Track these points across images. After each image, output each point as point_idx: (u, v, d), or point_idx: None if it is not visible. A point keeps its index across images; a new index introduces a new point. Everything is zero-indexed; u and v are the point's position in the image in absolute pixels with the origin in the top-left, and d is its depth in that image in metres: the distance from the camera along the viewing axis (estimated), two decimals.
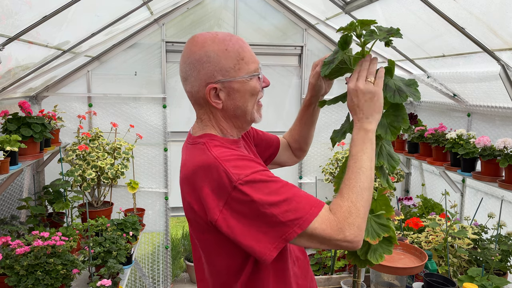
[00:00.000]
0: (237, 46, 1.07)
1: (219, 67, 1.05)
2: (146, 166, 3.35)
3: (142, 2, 2.58)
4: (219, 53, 1.05)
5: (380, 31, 1.02)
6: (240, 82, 1.07)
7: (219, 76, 1.05)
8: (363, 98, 1.04)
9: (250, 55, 1.09)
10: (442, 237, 2.12)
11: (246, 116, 1.12)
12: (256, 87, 1.09)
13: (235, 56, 1.06)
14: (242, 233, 0.94)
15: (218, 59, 1.05)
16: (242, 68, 1.06)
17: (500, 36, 1.90)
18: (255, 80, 1.09)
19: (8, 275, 1.75)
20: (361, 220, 0.95)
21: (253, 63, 1.09)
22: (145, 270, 3.60)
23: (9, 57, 1.97)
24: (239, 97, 1.08)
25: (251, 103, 1.11)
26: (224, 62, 1.05)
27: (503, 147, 1.95)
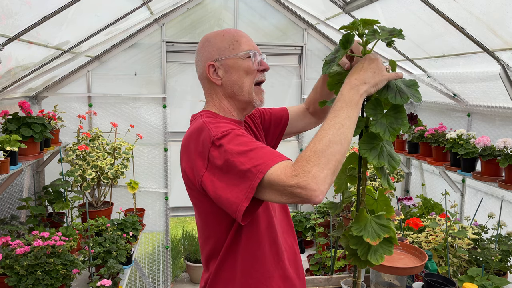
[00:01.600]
0: (233, 32, 1.25)
1: (216, 47, 1.23)
2: (146, 166, 3.35)
3: (142, 2, 2.58)
4: (216, 37, 1.25)
5: (382, 31, 1.02)
6: (234, 59, 1.22)
7: (216, 55, 1.23)
8: (375, 67, 1.03)
9: (245, 40, 1.24)
10: (442, 237, 2.12)
11: (243, 94, 1.24)
12: (250, 66, 1.22)
13: (230, 38, 1.23)
14: (221, 187, 1.03)
15: (215, 41, 1.24)
16: (236, 48, 1.22)
17: (500, 36, 1.90)
18: (249, 60, 1.22)
19: (8, 275, 1.75)
20: (318, 169, 0.90)
21: (247, 45, 1.23)
22: (145, 270, 3.60)
23: (9, 57, 1.97)
24: (235, 73, 1.23)
25: (247, 81, 1.23)
26: (220, 44, 1.23)
27: (503, 147, 1.95)
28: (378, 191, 1.17)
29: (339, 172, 1.17)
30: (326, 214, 3.16)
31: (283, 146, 3.73)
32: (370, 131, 1.06)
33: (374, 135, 1.06)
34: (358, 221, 1.08)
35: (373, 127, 1.03)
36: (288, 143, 3.59)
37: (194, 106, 3.34)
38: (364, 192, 1.13)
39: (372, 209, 1.16)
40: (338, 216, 2.95)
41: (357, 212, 1.12)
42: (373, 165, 1.06)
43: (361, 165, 1.13)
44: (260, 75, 1.26)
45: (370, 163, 1.06)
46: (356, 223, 1.08)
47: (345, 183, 1.17)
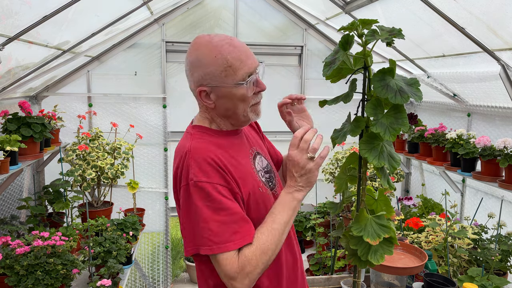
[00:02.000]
0: (226, 52, 1.12)
1: (207, 72, 1.13)
2: (146, 166, 3.35)
3: (142, 2, 2.58)
4: (208, 59, 1.13)
5: (382, 31, 1.01)
6: (227, 87, 1.14)
7: (208, 80, 1.14)
8: (300, 171, 1.13)
9: (239, 63, 1.13)
10: (442, 237, 2.12)
11: (238, 117, 1.21)
12: (244, 94, 1.15)
13: (223, 63, 1.12)
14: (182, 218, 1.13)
15: (207, 65, 1.13)
16: (228, 75, 1.13)
17: (500, 36, 1.90)
18: (243, 88, 1.14)
19: (8, 275, 1.75)
20: (255, 274, 1.07)
21: (241, 70, 1.13)
22: (145, 270, 3.60)
23: (9, 57, 1.97)
24: (228, 101, 1.16)
25: (241, 108, 1.18)
26: (211, 68, 1.13)
27: (503, 147, 1.95)
28: (378, 191, 1.16)
29: (340, 172, 1.17)
30: (326, 214, 3.16)
31: (284, 146, 3.72)
32: (370, 131, 1.06)
33: (374, 135, 1.06)
34: (358, 221, 1.08)
35: (374, 127, 1.03)
36: (286, 143, 3.58)
37: (194, 106, 3.31)
38: (364, 192, 1.13)
39: (372, 209, 1.16)
40: (338, 216, 2.95)
41: (357, 212, 1.12)
42: (373, 165, 1.06)
43: (361, 165, 1.13)
44: (257, 97, 1.20)
45: (370, 163, 1.06)
46: (356, 223, 1.08)
47: (345, 183, 1.17)
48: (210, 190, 1.07)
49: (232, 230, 1.06)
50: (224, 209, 1.07)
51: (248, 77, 1.14)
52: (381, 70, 1.03)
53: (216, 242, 1.05)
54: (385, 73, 1.03)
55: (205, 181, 1.08)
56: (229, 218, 1.07)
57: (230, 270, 1.05)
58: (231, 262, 1.05)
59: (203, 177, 1.08)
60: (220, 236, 1.05)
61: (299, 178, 1.13)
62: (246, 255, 1.06)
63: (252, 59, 1.17)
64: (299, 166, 1.12)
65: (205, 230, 1.06)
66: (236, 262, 1.06)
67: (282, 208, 1.13)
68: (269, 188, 1.28)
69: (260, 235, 1.09)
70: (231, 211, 1.08)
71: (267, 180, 1.29)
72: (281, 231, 1.11)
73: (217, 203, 1.07)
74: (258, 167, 1.29)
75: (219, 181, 1.09)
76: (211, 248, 1.06)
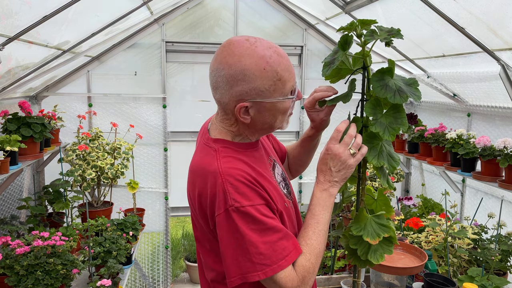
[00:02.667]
0: (276, 64, 1.02)
1: (253, 86, 1.01)
2: (146, 166, 3.35)
3: (142, 2, 2.58)
4: (255, 72, 1.00)
5: (380, 31, 1.02)
6: (273, 102, 1.05)
7: (253, 95, 1.03)
8: (339, 165, 1.09)
9: (288, 73, 1.04)
10: (442, 237, 2.12)
11: (272, 129, 1.14)
12: (288, 107, 1.09)
13: (272, 76, 1.02)
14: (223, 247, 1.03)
15: (254, 78, 1.01)
16: (277, 89, 1.03)
17: (500, 36, 1.90)
18: (290, 101, 1.08)
19: (8, 275, 1.75)
20: (313, 279, 1.07)
21: (289, 81, 1.06)
22: (145, 270, 3.60)
23: (9, 57, 1.97)
24: (270, 115, 1.08)
25: (280, 119, 1.11)
26: (259, 82, 1.01)
27: (503, 147, 1.95)
28: (378, 191, 1.17)
29: None
30: None
31: None
32: (369, 130, 1.06)
33: (373, 135, 1.06)
34: (358, 221, 1.08)
35: (373, 127, 1.03)
36: (288, 143, 3.57)
37: (194, 106, 3.34)
38: (364, 192, 1.13)
39: (372, 209, 1.16)
40: (338, 216, 2.95)
41: (357, 211, 1.12)
42: (372, 164, 1.06)
43: (361, 164, 1.13)
44: (293, 107, 1.13)
45: (370, 162, 1.06)
46: (356, 223, 1.08)
47: (345, 183, 1.17)
48: (254, 213, 1.00)
49: (281, 247, 1.02)
50: (270, 229, 1.01)
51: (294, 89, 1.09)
52: (380, 70, 1.03)
53: (269, 265, 1.00)
54: (384, 73, 1.03)
55: (247, 205, 1.00)
56: (276, 236, 1.02)
57: (292, 286, 1.02)
58: (291, 279, 1.02)
59: (244, 201, 1.00)
60: (272, 257, 1.00)
61: (335, 173, 1.09)
62: (304, 265, 1.04)
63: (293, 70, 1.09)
64: (340, 160, 1.08)
65: (255, 255, 0.99)
66: (296, 276, 1.03)
67: (322, 208, 1.11)
68: (288, 198, 1.23)
69: (309, 241, 1.08)
70: (276, 229, 1.03)
71: (285, 189, 1.24)
72: (325, 231, 1.11)
73: (262, 225, 1.01)
74: (278, 179, 1.23)
75: (260, 201, 1.03)
76: (265, 272, 0.99)
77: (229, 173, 1.02)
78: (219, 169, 1.02)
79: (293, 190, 1.31)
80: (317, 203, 1.11)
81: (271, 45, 1.04)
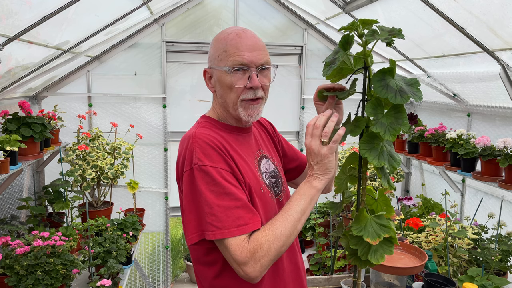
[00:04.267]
0: (229, 39, 1.16)
1: (211, 53, 1.21)
2: (146, 166, 3.35)
3: (142, 2, 2.58)
4: (214, 43, 1.20)
5: (382, 31, 1.02)
6: (219, 71, 1.17)
7: (210, 62, 1.22)
8: (315, 158, 1.11)
9: (234, 50, 1.15)
10: (442, 237, 2.12)
11: (229, 108, 1.21)
12: (232, 82, 1.15)
13: (222, 47, 1.17)
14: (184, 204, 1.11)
15: (214, 45, 1.20)
16: (223, 60, 1.16)
17: (500, 36, 1.90)
18: (232, 75, 1.15)
19: (8, 275, 1.75)
20: (267, 260, 1.04)
21: (233, 56, 1.14)
22: (145, 270, 3.60)
23: (9, 57, 1.97)
24: (220, 86, 1.19)
25: (231, 97, 1.18)
26: (214, 50, 1.20)
27: (503, 147, 1.95)
28: (378, 191, 1.16)
29: (340, 172, 1.17)
30: (326, 214, 3.16)
31: None
32: (370, 131, 1.06)
33: (374, 135, 1.06)
34: (358, 221, 1.08)
35: (374, 127, 1.03)
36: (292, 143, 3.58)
37: (194, 106, 3.34)
38: (364, 192, 1.13)
39: (372, 209, 1.16)
40: (338, 216, 2.95)
41: (357, 212, 1.12)
42: (373, 165, 1.06)
43: (361, 165, 1.13)
44: (248, 93, 1.17)
45: (371, 163, 1.06)
46: (356, 223, 1.08)
47: (345, 183, 1.17)
48: (214, 175, 1.06)
49: (236, 215, 1.05)
50: (228, 194, 1.06)
51: (238, 66, 1.14)
52: (381, 70, 1.03)
53: (219, 228, 1.04)
54: (385, 73, 1.03)
55: (209, 165, 1.07)
56: (233, 204, 1.06)
57: (240, 255, 1.03)
58: (240, 247, 1.03)
59: (207, 161, 1.08)
60: (224, 222, 1.04)
61: (315, 166, 1.11)
62: (258, 239, 1.04)
63: (253, 54, 1.15)
64: (314, 153, 1.10)
65: (209, 215, 1.05)
66: (247, 247, 1.03)
67: (299, 196, 1.11)
68: (273, 193, 1.26)
69: (275, 221, 1.08)
70: (235, 196, 1.06)
71: (273, 184, 1.28)
72: (296, 219, 1.08)
73: (221, 188, 1.06)
74: (263, 169, 1.27)
75: (224, 166, 1.09)
76: (214, 233, 1.04)
77: (200, 137, 1.12)
78: (194, 133, 1.14)
79: (286, 189, 1.35)
80: (297, 191, 1.13)
81: (242, 29, 1.19)
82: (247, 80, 1.16)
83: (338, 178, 1.17)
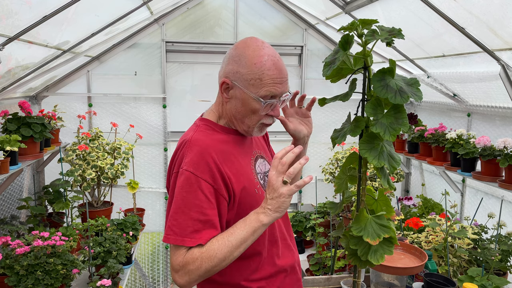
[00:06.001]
0: (266, 67, 1.15)
1: (240, 70, 1.16)
2: (146, 166, 3.35)
3: (142, 2, 2.58)
4: (248, 62, 1.16)
5: (381, 31, 1.01)
6: (246, 94, 1.17)
7: (236, 78, 1.17)
8: (272, 193, 1.10)
9: (270, 80, 1.15)
10: (442, 237, 2.12)
11: (243, 125, 1.23)
12: (257, 109, 1.18)
13: (257, 72, 1.15)
14: (168, 204, 1.18)
15: (244, 66, 1.16)
16: (255, 86, 1.15)
17: (500, 36, 1.90)
18: (259, 104, 1.16)
19: (8, 275, 1.75)
20: (195, 275, 1.09)
21: (268, 87, 1.15)
22: (145, 270, 3.60)
23: (9, 57, 1.97)
24: (241, 105, 1.19)
25: (250, 119, 1.20)
26: (245, 71, 1.16)
27: (503, 147, 1.95)
28: (378, 191, 1.16)
29: (340, 172, 1.17)
30: (326, 214, 3.16)
31: (283, 146, 3.73)
32: (370, 131, 1.06)
33: (374, 135, 1.06)
34: (358, 221, 1.08)
35: (373, 127, 1.03)
36: (288, 143, 3.57)
37: (194, 106, 3.34)
38: (364, 192, 1.13)
39: (372, 209, 1.16)
40: (338, 216, 2.95)
41: (357, 212, 1.12)
42: (373, 165, 1.06)
43: (361, 165, 1.12)
44: (268, 119, 1.22)
45: (370, 163, 1.06)
46: (356, 223, 1.08)
47: (345, 183, 1.17)
48: (193, 183, 1.10)
49: (195, 228, 1.09)
50: (197, 206, 1.09)
51: (269, 98, 1.16)
52: (381, 70, 1.03)
53: (176, 233, 1.09)
54: (385, 73, 1.03)
55: (193, 172, 1.11)
56: (198, 217, 1.09)
57: (175, 262, 1.09)
58: (179, 258, 1.09)
59: (192, 169, 1.11)
60: (182, 229, 1.09)
61: (269, 200, 1.10)
62: (193, 254, 1.09)
63: (283, 86, 1.18)
64: (273, 187, 1.09)
65: (171, 218, 1.10)
66: (182, 259, 1.08)
67: (244, 225, 1.11)
68: None
69: (215, 241, 1.10)
70: (203, 211, 1.10)
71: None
72: (235, 246, 1.09)
73: (193, 197, 1.10)
74: (258, 170, 1.29)
75: (207, 178, 1.12)
76: (167, 237, 1.10)
77: (195, 143, 1.15)
78: (190, 139, 1.17)
79: None
80: (244, 219, 1.13)
81: (276, 55, 1.18)
82: (270, 108, 1.19)
83: (338, 178, 1.17)
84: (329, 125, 3.53)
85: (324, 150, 3.59)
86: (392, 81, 1.02)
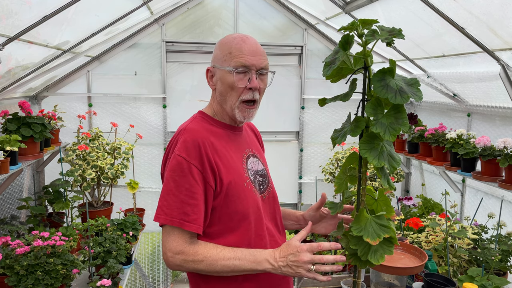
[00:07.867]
0: (234, 43, 1.25)
1: (215, 54, 1.29)
2: (146, 166, 3.35)
3: (142, 2, 2.58)
4: (222, 43, 1.29)
5: (382, 31, 1.01)
6: (222, 71, 1.26)
7: (214, 61, 1.30)
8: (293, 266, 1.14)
9: (238, 52, 1.24)
10: (442, 237, 2.12)
11: (227, 106, 1.28)
12: (234, 82, 1.24)
13: (227, 48, 1.25)
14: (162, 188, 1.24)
15: (219, 47, 1.29)
16: (226, 60, 1.25)
17: (500, 36, 1.90)
18: (234, 76, 1.23)
19: (8, 275, 1.75)
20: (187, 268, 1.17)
21: (237, 58, 1.23)
22: (145, 270, 3.60)
23: (9, 57, 1.97)
24: (221, 85, 1.27)
25: (231, 96, 1.26)
26: (218, 51, 1.28)
27: (503, 147, 1.95)
28: (378, 191, 1.16)
29: (340, 172, 1.17)
30: None
31: (283, 146, 3.75)
32: (370, 131, 1.06)
33: (374, 135, 1.06)
34: (358, 221, 1.08)
35: (374, 127, 1.03)
36: (288, 143, 3.59)
37: (194, 105, 3.34)
38: (364, 192, 1.13)
39: (372, 209, 1.16)
40: None
41: (357, 212, 1.12)
42: (373, 165, 1.06)
43: (361, 165, 1.12)
44: (248, 94, 1.26)
45: (370, 163, 1.06)
46: (356, 223, 1.08)
47: (345, 183, 1.17)
48: (184, 168, 1.16)
49: (183, 210, 1.15)
50: (187, 190, 1.15)
51: (240, 67, 1.23)
52: (381, 70, 1.03)
53: (166, 214, 1.15)
54: (385, 73, 1.03)
55: (184, 157, 1.17)
56: (187, 200, 1.15)
57: (171, 245, 1.16)
58: (178, 239, 1.16)
59: (184, 154, 1.18)
60: (172, 209, 1.15)
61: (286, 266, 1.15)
62: (197, 250, 1.16)
63: (255, 59, 1.25)
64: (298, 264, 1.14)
65: (162, 199, 1.17)
66: (183, 243, 1.16)
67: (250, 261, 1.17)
68: (258, 190, 1.32)
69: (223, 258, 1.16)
70: (193, 195, 1.16)
71: (259, 182, 1.34)
72: (234, 271, 1.17)
73: (184, 181, 1.16)
74: (249, 167, 1.33)
75: (196, 164, 1.18)
76: (158, 217, 1.16)
77: (189, 131, 1.23)
78: (186, 127, 1.25)
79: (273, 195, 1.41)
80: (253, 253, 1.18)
81: (247, 36, 1.28)
82: (247, 81, 1.24)
83: (338, 178, 1.17)
84: (329, 125, 3.53)
85: (324, 150, 3.59)
86: (392, 81, 1.02)
